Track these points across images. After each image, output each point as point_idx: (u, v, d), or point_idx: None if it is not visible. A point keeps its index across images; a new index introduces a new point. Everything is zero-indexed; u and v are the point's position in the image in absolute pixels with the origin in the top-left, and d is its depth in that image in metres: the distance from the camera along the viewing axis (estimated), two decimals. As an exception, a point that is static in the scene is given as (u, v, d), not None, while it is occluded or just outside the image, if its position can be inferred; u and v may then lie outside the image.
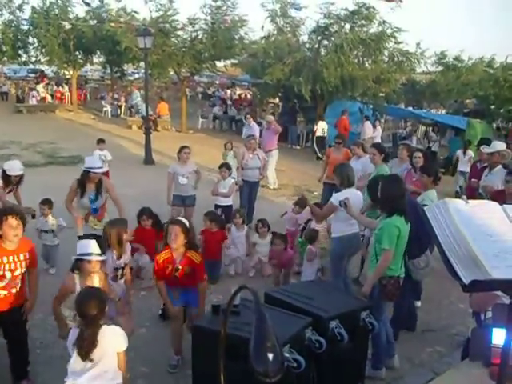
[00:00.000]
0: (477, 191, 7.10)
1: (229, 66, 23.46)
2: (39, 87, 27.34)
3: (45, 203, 6.77)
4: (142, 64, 18.32)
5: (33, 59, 25.86)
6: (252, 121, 13.41)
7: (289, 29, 19.30)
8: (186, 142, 8.89)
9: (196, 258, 4.59)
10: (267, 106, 23.69)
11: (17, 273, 4.01)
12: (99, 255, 4.14)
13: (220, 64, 22.85)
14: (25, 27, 24.39)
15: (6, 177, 6.40)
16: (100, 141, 10.73)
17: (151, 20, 19.92)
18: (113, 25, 20.70)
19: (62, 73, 27.97)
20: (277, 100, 24.75)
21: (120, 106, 25.93)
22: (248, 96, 30.05)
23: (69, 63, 24.97)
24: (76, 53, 24.93)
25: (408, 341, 5.27)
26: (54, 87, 28.84)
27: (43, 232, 6.72)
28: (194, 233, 4.77)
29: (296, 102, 20.11)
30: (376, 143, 8.82)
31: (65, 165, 13.79)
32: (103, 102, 26.33)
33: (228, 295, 1.98)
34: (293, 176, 13.66)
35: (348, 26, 17.93)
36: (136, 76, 35.82)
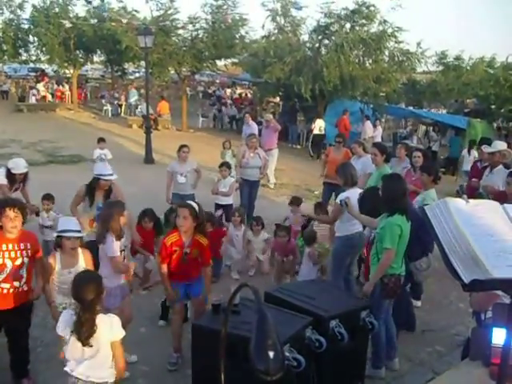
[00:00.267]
0: (477, 191, 7.08)
1: (229, 65, 23.46)
2: (39, 86, 27.33)
3: (47, 198, 6.83)
4: (143, 63, 18.31)
5: (33, 58, 25.86)
6: (250, 120, 13.34)
7: (289, 28, 19.31)
8: (187, 141, 8.89)
9: (203, 241, 4.59)
10: (267, 105, 23.68)
11: (18, 262, 3.99)
12: (78, 232, 4.19)
13: (220, 63, 22.87)
14: (25, 26, 24.36)
15: (11, 175, 6.41)
16: (100, 140, 10.76)
17: (152, 19, 19.93)
18: (114, 24, 20.71)
19: (63, 72, 27.94)
20: (277, 99, 24.74)
21: (120, 105, 25.94)
22: (248, 95, 30.04)
23: (69, 62, 24.97)
24: (76, 52, 24.93)
25: (408, 340, 5.27)
26: (55, 86, 28.83)
27: (44, 227, 6.76)
28: (204, 218, 4.73)
29: (296, 102, 20.10)
30: (377, 143, 8.71)
31: (65, 164, 13.82)
32: (103, 101, 26.35)
33: (228, 294, 1.98)
34: (293, 175, 13.66)
35: (348, 26, 17.94)
36: (137, 75, 35.82)
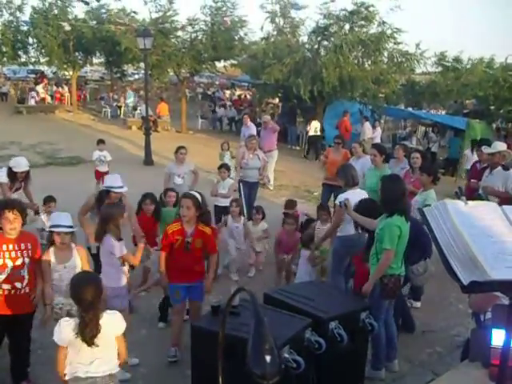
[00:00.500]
0: (476, 192, 7.07)
1: (228, 67, 23.47)
2: (39, 88, 27.30)
3: (49, 201, 6.70)
4: (142, 65, 18.32)
5: (32, 60, 25.81)
6: (249, 121, 13.31)
7: (288, 29, 19.32)
8: (186, 143, 8.88)
9: (207, 230, 4.65)
10: (267, 107, 23.68)
11: (18, 262, 3.99)
12: (68, 227, 4.19)
13: (220, 65, 22.86)
14: (24, 28, 24.34)
15: (12, 174, 6.39)
16: (100, 141, 10.75)
17: (151, 21, 19.94)
18: (112, 27, 20.73)
19: (62, 73, 27.92)
20: (276, 100, 24.75)
21: (120, 107, 25.92)
22: (248, 96, 30.04)
23: (68, 64, 24.92)
24: (76, 53, 24.89)
25: (408, 341, 5.27)
26: (54, 88, 28.81)
27: (44, 231, 6.66)
28: (207, 208, 4.80)
29: (295, 103, 20.11)
30: (377, 144, 8.72)
31: (64, 165, 13.83)
32: (103, 103, 26.32)
33: (227, 296, 1.98)
34: (292, 176, 13.66)
35: (347, 27, 17.94)
36: (136, 77, 35.80)
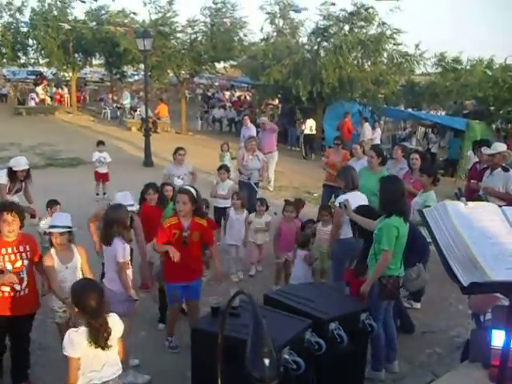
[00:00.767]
0: (476, 193, 7.05)
1: (228, 68, 23.48)
2: (38, 89, 27.30)
3: (55, 204, 6.62)
4: (142, 66, 18.32)
5: (32, 61, 25.84)
6: (249, 122, 13.30)
7: (288, 30, 19.32)
8: (186, 144, 8.90)
9: (202, 222, 4.74)
10: (266, 108, 23.67)
11: (17, 264, 3.99)
12: (64, 227, 4.18)
13: (219, 66, 22.86)
14: (24, 29, 24.37)
15: (13, 173, 6.39)
16: (99, 143, 10.76)
17: (150, 22, 19.94)
18: (112, 29, 20.74)
19: (62, 75, 27.93)
20: (276, 101, 24.75)
21: (119, 108, 25.91)
22: (247, 98, 30.05)
23: (68, 65, 24.96)
24: (75, 55, 24.92)
25: (407, 342, 5.27)
26: (54, 89, 28.82)
27: (45, 234, 6.63)
28: (202, 202, 4.89)
29: (295, 104, 20.11)
30: (376, 146, 8.69)
31: (64, 167, 13.83)
32: (102, 104, 26.32)
33: (227, 297, 1.97)
34: (292, 178, 13.66)
35: (347, 28, 17.96)
36: (136, 78, 35.81)
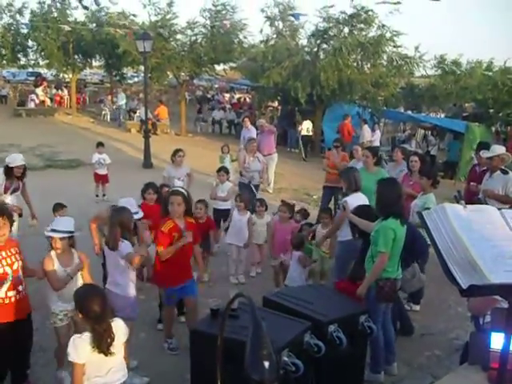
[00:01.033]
0: (476, 195, 7.05)
1: (228, 70, 23.49)
2: (38, 90, 27.30)
3: (61, 207, 6.39)
4: (142, 67, 18.34)
5: (32, 62, 25.87)
6: (249, 124, 13.29)
7: (288, 32, 19.34)
8: (185, 146, 8.92)
9: (192, 220, 4.98)
10: (266, 110, 23.69)
11: (15, 266, 4.01)
12: (64, 232, 4.14)
13: (219, 68, 22.90)
14: (24, 30, 24.39)
15: (9, 170, 6.37)
16: (99, 144, 10.77)
17: (150, 24, 19.96)
18: (112, 30, 20.76)
19: (62, 76, 27.95)
20: (275, 103, 24.76)
21: (116, 109, 25.82)
22: (247, 100, 30.07)
23: (68, 66, 24.98)
24: (75, 56, 24.95)
25: (407, 345, 5.27)
26: (53, 91, 28.82)
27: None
28: (191, 202, 5.04)
29: (295, 106, 20.13)
30: (369, 146, 8.71)
31: (64, 168, 13.83)
32: (102, 106, 26.32)
33: (226, 299, 1.98)
34: (292, 180, 13.65)
35: (347, 30, 17.97)
36: (135, 79, 35.82)
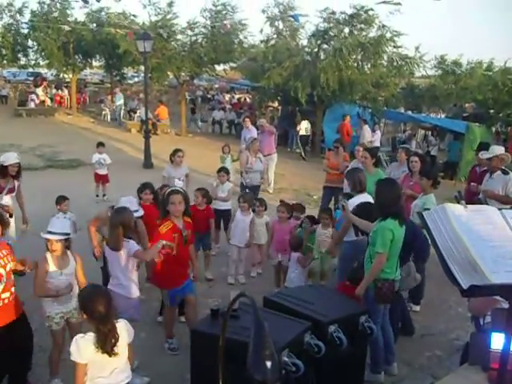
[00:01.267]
0: (476, 196, 7.05)
1: (228, 70, 23.47)
2: (38, 90, 27.30)
3: (63, 200, 6.46)
4: (142, 67, 18.34)
5: (32, 62, 25.88)
6: (250, 124, 13.27)
7: (288, 33, 19.34)
8: (185, 146, 8.92)
9: (189, 220, 4.96)
10: (266, 110, 23.69)
11: (8, 268, 4.00)
12: (59, 234, 4.15)
13: (219, 68, 22.89)
14: (24, 30, 24.41)
15: (3, 169, 6.34)
16: (99, 144, 10.76)
17: (150, 24, 19.97)
18: (112, 30, 20.77)
19: (62, 76, 27.95)
20: (276, 104, 24.76)
21: (114, 109, 25.84)
22: (247, 100, 30.08)
23: (68, 66, 24.99)
24: (75, 56, 24.96)
25: (407, 345, 5.27)
26: (54, 91, 28.82)
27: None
28: (189, 200, 5.09)
29: (296, 106, 20.12)
30: (367, 148, 8.72)
31: (64, 168, 13.84)
32: (102, 106, 26.33)
33: (227, 299, 1.98)
34: (292, 180, 13.66)
35: (347, 30, 17.98)
36: (136, 79, 35.82)
